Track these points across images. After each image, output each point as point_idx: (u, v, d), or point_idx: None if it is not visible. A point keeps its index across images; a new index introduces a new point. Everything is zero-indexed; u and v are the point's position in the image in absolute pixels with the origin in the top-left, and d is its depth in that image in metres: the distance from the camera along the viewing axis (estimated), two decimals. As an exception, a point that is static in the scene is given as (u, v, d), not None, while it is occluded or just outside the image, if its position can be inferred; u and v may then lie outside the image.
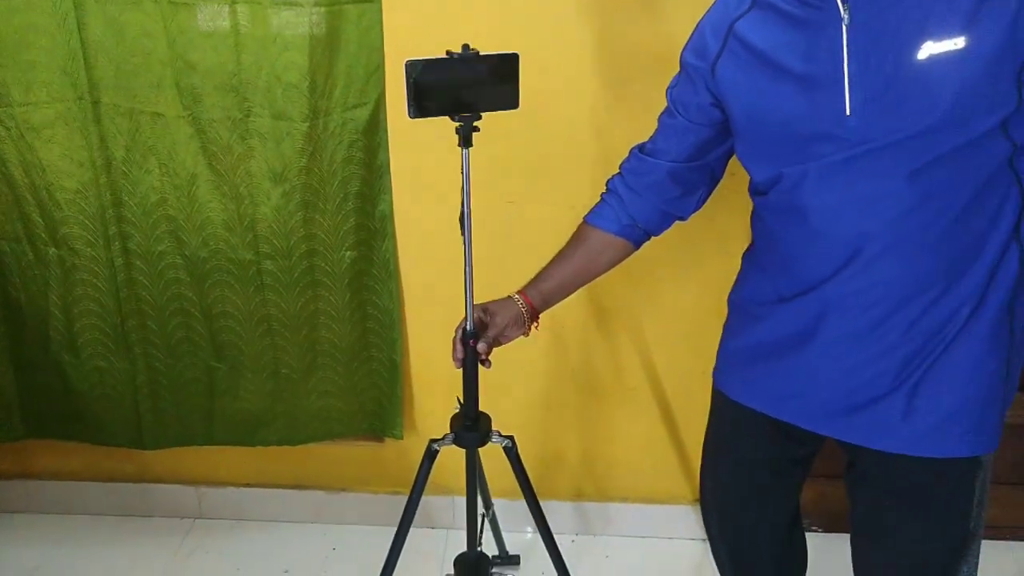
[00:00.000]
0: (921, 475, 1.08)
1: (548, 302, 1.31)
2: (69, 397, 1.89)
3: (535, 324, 1.32)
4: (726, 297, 1.39)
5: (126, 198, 1.67)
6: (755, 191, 1.14)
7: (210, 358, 1.84)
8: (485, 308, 1.30)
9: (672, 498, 2.03)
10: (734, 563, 1.40)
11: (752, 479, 1.31)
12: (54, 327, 1.81)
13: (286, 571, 1.95)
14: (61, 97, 1.59)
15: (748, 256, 1.25)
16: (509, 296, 1.31)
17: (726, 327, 1.29)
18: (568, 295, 1.33)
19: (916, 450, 1.06)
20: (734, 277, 1.38)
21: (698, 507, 2.03)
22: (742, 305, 1.24)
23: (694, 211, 1.28)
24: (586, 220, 1.30)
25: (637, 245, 1.29)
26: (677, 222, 1.30)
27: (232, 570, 1.95)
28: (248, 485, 2.07)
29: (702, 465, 1.40)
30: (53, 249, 1.73)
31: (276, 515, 2.09)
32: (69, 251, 1.73)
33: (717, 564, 1.45)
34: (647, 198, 1.24)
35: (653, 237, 1.30)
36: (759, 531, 1.36)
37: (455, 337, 1.29)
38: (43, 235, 1.72)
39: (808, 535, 1.46)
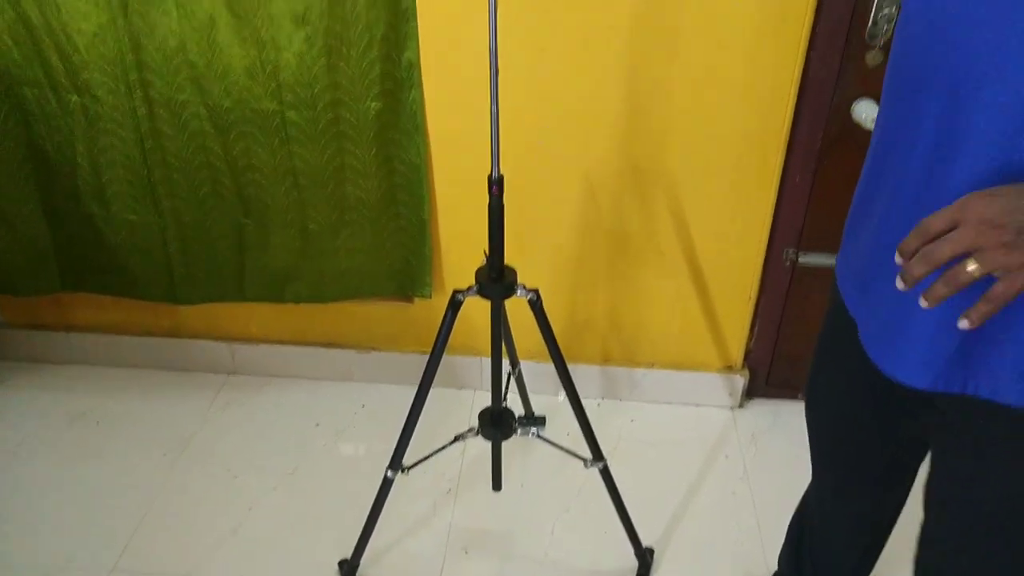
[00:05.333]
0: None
1: None
2: (102, 250, 1.90)
3: None
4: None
5: (144, 42, 1.62)
6: None
7: (238, 213, 1.83)
8: None
9: (700, 365, 2.01)
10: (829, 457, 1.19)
11: (852, 412, 1.07)
12: (82, 178, 1.80)
13: (317, 424, 2.00)
14: (72, -70, 1.52)
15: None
16: None
17: (852, 210, 1.00)
18: None
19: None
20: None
21: (726, 374, 2.02)
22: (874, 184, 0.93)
23: None
24: None
25: None
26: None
27: (264, 423, 2.01)
28: (280, 342, 2.11)
29: (813, 363, 1.15)
30: (76, 96, 1.70)
31: (307, 372, 2.13)
32: (92, 99, 1.69)
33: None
34: None
35: None
36: (856, 453, 1.13)
37: None
38: (64, 81, 1.68)
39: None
